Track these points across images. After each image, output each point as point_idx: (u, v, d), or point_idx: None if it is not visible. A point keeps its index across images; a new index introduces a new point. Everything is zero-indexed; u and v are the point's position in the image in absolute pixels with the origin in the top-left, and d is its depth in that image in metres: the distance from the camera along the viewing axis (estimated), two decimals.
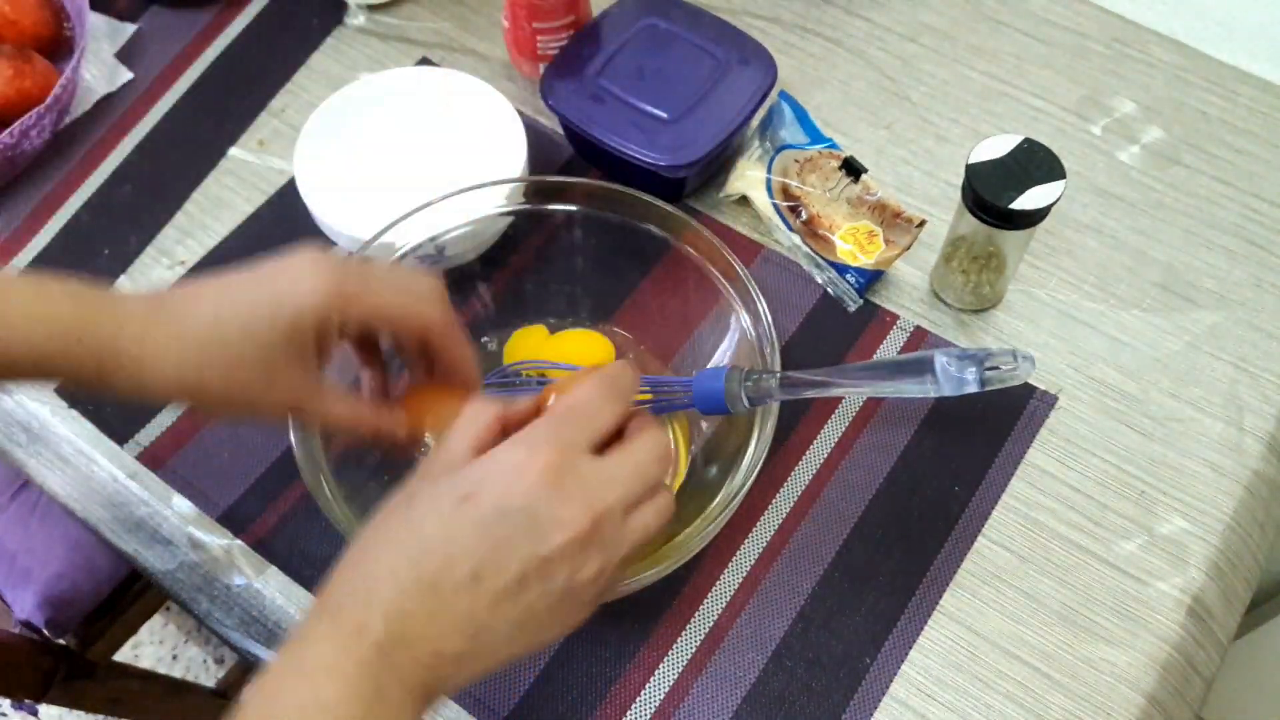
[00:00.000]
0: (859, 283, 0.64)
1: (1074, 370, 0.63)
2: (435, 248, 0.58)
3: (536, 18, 0.69)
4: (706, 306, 0.58)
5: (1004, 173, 0.56)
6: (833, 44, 0.76)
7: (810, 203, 0.65)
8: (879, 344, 0.64)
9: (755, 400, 0.51)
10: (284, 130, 0.73)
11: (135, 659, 1.28)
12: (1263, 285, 0.66)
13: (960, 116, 0.73)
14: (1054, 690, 0.54)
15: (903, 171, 0.71)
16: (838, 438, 0.61)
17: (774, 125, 0.68)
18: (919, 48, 0.76)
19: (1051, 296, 0.66)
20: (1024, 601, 0.56)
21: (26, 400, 0.63)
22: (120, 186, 0.71)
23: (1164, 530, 0.58)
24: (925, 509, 0.58)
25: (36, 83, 0.69)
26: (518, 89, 0.74)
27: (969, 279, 0.63)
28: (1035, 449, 0.60)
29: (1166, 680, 0.54)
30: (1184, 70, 0.74)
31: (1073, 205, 0.69)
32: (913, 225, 0.64)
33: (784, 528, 0.58)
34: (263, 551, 0.58)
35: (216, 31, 0.78)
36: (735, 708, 0.53)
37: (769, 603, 0.56)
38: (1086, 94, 0.74)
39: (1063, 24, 0.77)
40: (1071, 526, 0.58)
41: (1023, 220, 0.56)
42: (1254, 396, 0.62)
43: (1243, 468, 0.60)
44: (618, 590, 0.48)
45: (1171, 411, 0.61)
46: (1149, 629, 0.55)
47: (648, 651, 0.55)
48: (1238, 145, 0.71)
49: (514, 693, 0.54)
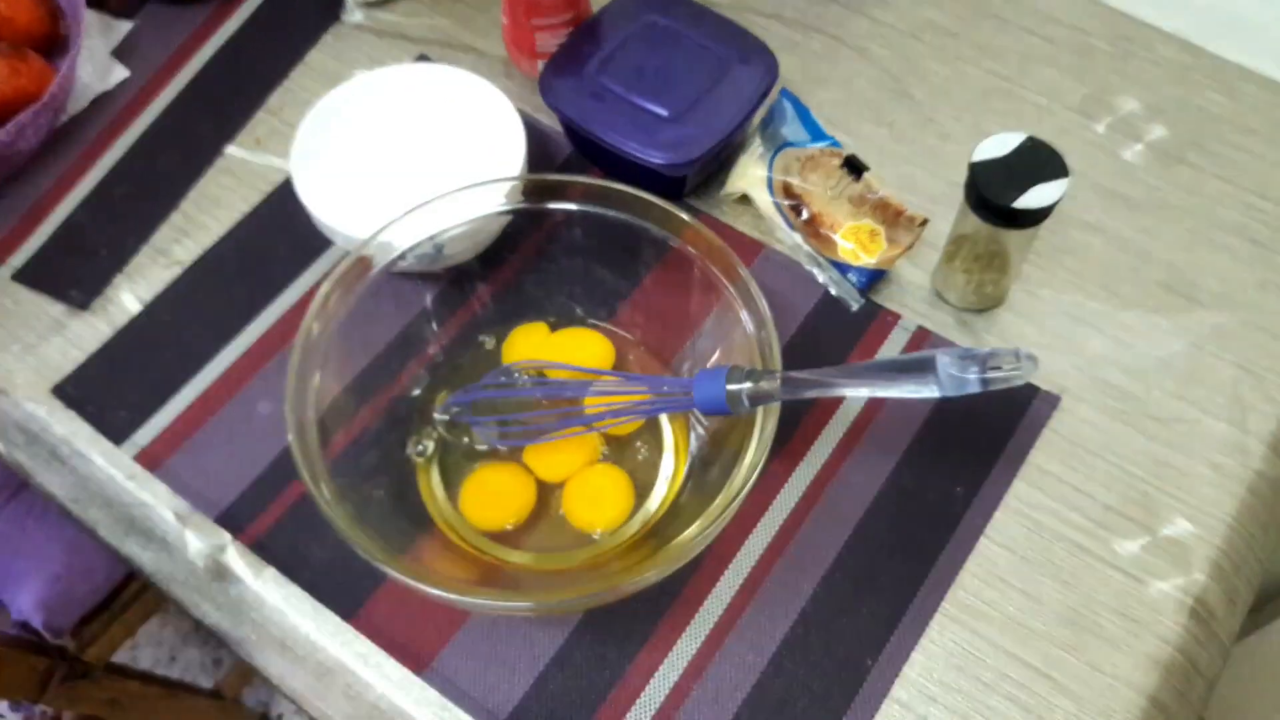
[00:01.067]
0: (861, 282, 0.64)
1: (1077, 371, 0.63)
2: (433, 246, 0.57)
3: (535, 14, 0.68)
4: (707, 306, 0.58)
5: (1007, 171, 0.55)
6: (835, 41, 0.76)
7: (812, 201, 0.65)
8: (880, 344, 0.64)
9: (756, 400, 0.50)
10: (281, 128, 0.73)
11: (133, 660, 1.27)
12: (1267, 286, 0.65)
13: (963, 114, 0.72)
14: (1056, 692, 0.53)
15: (905, 170, 0.70)
16: (839, 438, 0.60)
17: (775, 123, 0.68)
18: (922, 45, 0.76)
19: (1054, 296, 0.65)
20: (1026, 603, 0.56)
21: (23, 400, 0.63)
22: (116, 185, 0.71)
23: (1167, 531, 0.57)
24: (927, 510, 0.58)
25: (32, 80, 0.69)
26: (516, 86, 0.73)
27: (971, 278, 0.63)
28: (1038, 450, 0.60)
29: (1169, 681, 0.54)
30: (1188, 68, 0.74)
31: (1076, 204, 0.68)
32: (915, 224, 0.63)
33: (785, 529, 0.58)
34: (260, 552, 0.58)
35: (213, 28, 0.77)
36: (736, 709, 0.53)
37: (770, 604, 0.56)
38: (1090, 92, 0.73)
39: (1066, 21, 0.76)
40: (1074, 528, 0.58)
41: (1026, 219, 0.56)
42: (1257, 397, 0.62)
43: (1246, 469, 0.59)
44: (618, 591, 0.48)
45: (1175, 412, 0.61)
46: (1151, 630, 0.55)
47: (648, 653, 0.55)
48: (1242, 144, 0.71)
49: (514, 694, 0.54)
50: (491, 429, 0.58)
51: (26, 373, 0.64)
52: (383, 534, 0.50)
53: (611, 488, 0.58)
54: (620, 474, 0.58)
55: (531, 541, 0.57)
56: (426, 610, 0.56)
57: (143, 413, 0.62)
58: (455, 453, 0.59)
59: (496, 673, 0.54)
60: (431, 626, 0.55)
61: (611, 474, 0.58)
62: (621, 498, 0.57)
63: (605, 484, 0.58)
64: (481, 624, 0.55)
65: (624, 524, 0.57)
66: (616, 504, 0.57)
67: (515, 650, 0.55)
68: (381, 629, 0.55)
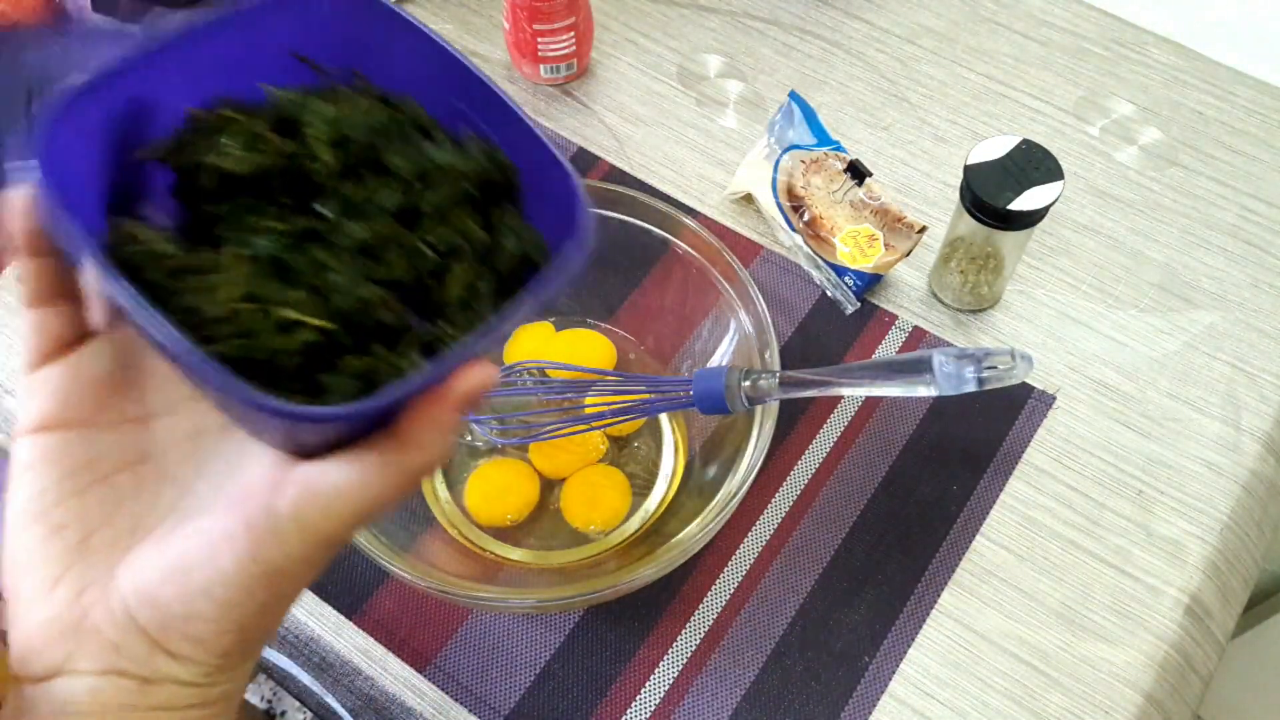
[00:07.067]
0: (857, 285, 0.64)
1: (1072, 370, 0.63)
2: None
3: (537, 19, 0.69)
4: (706, 307, 0.58)
5: (1002, 174, 0.56)
6: (831, 46, 0.77)
7: (813, 204, 0.65)
8: (877, 344, 0.64)
9: (754, 400, 0.51)
10: None
11: None
12: (1260, 285, 0.66)
13: (958, 118, 0.73)
14: (1052, 689, 0.54)
15: (901, 172, 0.71)
16: (836, 437, 0.61)
17: (783, 124, 0.68)
18: (917, 49, 0.76)
19: (1049, 297, 0.66)
20: (1022, 600, 0.56)
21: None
22: None
23: (1162, 529, 0.58)
24: (923, 508, 0.59)
25: None
26: (518, 90, 0.74)
27: (967, 279, 0.63)
28: (1033, 448, 0.60)
29: (1164, 679, 0.55)
30: (1182, 71, 0.75)
31: (1070, 206, 0.69)
32: (914, 231, 0.64)
33: (783, 527, 0.58)
34: None
35: None
36: (734, 706, 0.54)
37: (768, 601, 0.56)
38: (1084, 95, 0.74)
39: (1060, 25, 0.77)
40: (1069, 526, 0.58)
41: (1021, 221, 0.56)
42: (1251, 396, 0.62)
43: (1240, 467, 0.60)
44: (618, 589, 0.48)
45: (1169, 411, 0.62)
46: (1147, 628, 0.55)
47: (647, 650, 0.55)
48: (1235, 146, 0.71)
49: (514, 691, 0.54)
50: (492, 427, 0.59)
51: None
52: (385, 531, 0.51)
53: (608, 488, 0.58)
54: (617, 474, 0.59)
55: (533, 539, 0.57)
56: (429, 608, 0.56)
57: None
58: (458, 450, 0.60)
59: (498, 669, 0.55)
60: (433, 624, 0.56)
61: (608, 474, 0.59)
62: (617, 498, 0.58)
63: (602, 483, 0.58)
64: (483, 621, 0.56)
65: (623, 522, 0.58)
66: (612, 504, 0.58)
67: (517, 647, 0.55)
68: (384, 626, 0.56)
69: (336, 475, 0.26)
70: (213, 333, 0.26)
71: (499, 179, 0.31)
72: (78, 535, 0.28)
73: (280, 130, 0.30)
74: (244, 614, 0.27)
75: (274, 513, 0.26)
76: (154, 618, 0.27)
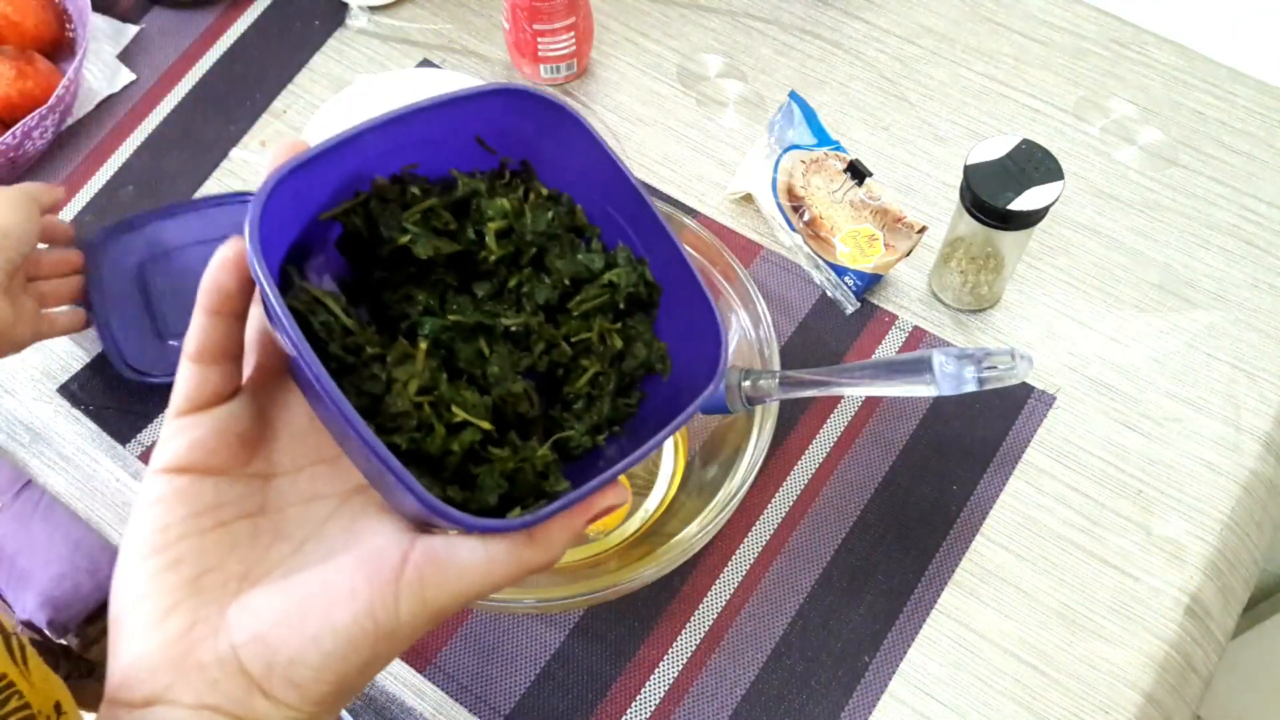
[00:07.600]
0: (857, 285, 0.64)
1: (1072, 370, 0.63)
2: None
3: (537, 19, 0.69)
4: None
5: (1002, 174, 0.56)
6: (831, 46, 0.77)
7: (814, 204, 0.65)
8: (877, 344, 0.64)
9: (754, 400, 0.51)
10: (286, 131, 0.73)
11: None
12: (1259, 285, 0.66)
13: (958, 117, 0.73)
14: (1052, 688, 0.54)
15: (901, 172, 0.71)
16: (836, 437, 0.61)
17: (783, 124, 0.68)
18: (917, 49, 0.76)
19: (1049, 296, 0.66)
20: (1022, 600, 0.56)
21: (29, 400, 0.64)
22: (122, 187, 0.72)
23: (1162, 529, 0.58)
24: (923, 508, 0.59)
25: (39, 84, 0.69)
26: None
27: (967, 279, 0.63)
28: (1033, 448, 0.60)
29: (1164, 678, 0.55)
30: (1182, 71, 0.75)
31: (1070, 206, 0.69)
32: (914, 231, 0.64)
33: (783, 527, 0.58)
34: None
35: (219, 33, 0.78)
36: (735, 706, 0.54)
37: (768, 601, 0.56)
38: (1084, 95, 0.74)
39: (1060, 25, 0.77)
40: (1069, 525, 0.58)
41: (1021, 221, 0.56)
42: (1251, 396, 0.62)
43: (1240, 467, 0.60)
44: (618, 589, 0.48)
45: (1169, 411, 0.62)
46: (1147, 627, 0.55)
47: (647, 650, 0.55)
48: (1235, 146, 0.71)
49: (515, 690, 0.54)
50: None
51: (32, 373, 0.64)
52: None
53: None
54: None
55: None
56: None
57: (148, 412, 0.63)
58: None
59: (498, 669, 0.55)
60: None
61: None
62: None
63: None
64: (483, 621, 0.56)
65: (623, 522, 0.58)
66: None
67: (517, 647, 0.55)
68: None
69: (465, 555, 0.28)
70: (392, 424, 0.29)
71: (643, 296, 0.34)
72: (193, 572, 0.29)
73: (454, 211, 0.32)
74: (345, 668, 0.28)
75: (398, 577, 0.28)
76: (260, 659, 0.28)
